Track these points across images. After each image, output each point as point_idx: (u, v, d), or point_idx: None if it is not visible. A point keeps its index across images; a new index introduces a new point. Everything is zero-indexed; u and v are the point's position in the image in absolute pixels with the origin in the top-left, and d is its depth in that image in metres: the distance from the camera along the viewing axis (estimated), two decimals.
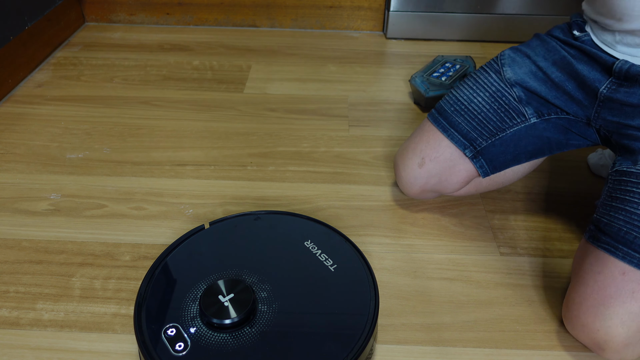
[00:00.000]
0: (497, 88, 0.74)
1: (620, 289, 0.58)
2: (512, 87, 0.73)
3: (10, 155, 0.98)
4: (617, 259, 0.60)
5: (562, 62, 0.71)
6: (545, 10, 1.38)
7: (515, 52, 0.75)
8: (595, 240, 0.63)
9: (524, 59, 0.74)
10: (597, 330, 0.60)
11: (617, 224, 0.61)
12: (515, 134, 0.73)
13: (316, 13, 1.47)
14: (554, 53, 0.72)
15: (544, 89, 0.72)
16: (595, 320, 0.60)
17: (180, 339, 0.57)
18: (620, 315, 0.58)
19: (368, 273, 0.65)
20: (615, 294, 0.58)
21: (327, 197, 0.89)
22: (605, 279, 0.60)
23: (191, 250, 0.67)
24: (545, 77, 0.72)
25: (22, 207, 0.86)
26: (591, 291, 0.61)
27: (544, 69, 0.72)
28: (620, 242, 0.60)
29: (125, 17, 1.49)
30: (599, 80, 0.68)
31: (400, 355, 0.65)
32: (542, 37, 0.76)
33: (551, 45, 0.73)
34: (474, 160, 0.74)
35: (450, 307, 0.71)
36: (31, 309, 0.70)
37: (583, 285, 0.62)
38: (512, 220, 0.85)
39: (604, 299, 0.59)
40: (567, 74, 0.71)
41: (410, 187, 0.80)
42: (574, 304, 0.63)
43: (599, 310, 0.59)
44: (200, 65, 1.29)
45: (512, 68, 0.74)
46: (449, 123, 0.75)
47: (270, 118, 1.10)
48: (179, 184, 0.92)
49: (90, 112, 1.11)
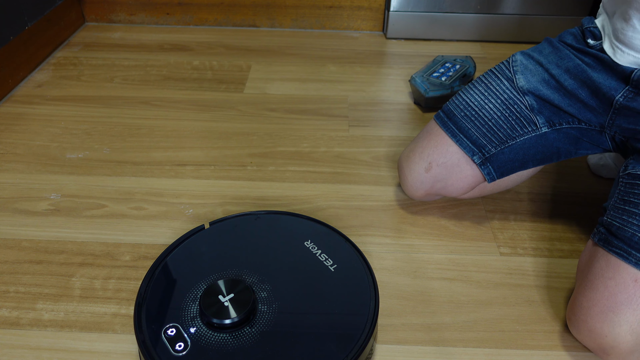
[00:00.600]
0: (509, 95, 0.73)
1: (632, 296, 0.57)
2: (525, 96, 0.72)
3: (10, 155, 0.98)
4: (630, 265, 0.59)
5: (575, 70, 0.70)
6: (545, 11, 1.38)
7: (528, 59, 0.74)
8: (606, 244, 0.62)
9: (537, 67, 0.73)
10: (604, 336, 0.59)
11: (631, 229, 0.60)
12: (525, 142, 0.73)
13: (316, 13, 1.47)
14: (567, 60, 0.71)
15: (557, 97, 0.71)
16: (604, 326, 0.59)
17: (180, 339, 0.57)
18: (630, 322, 0.57)
19: (368, 273, 0.65)
20: (626, 301, 0.58)
21: (327, 197, 0.89)
22: (616, 285, 0.59)
23: (191, 250, 0.67)
24: (558, 85, 0.71)
25: (22, 207, 0.86)
26: (601, 297, 0.60)
27: (556, 76, 0.71)
28: (634, 248, 0.59)
29: (125, 17, 1.49)
30: (614, 89, 0.67)
31: (400, 355, 0.65)
32: (554, 44, 0.74)
33: (564, 53, 0.72)
34: (482, 166, 0.74)
35: (450, 307, 0.71)
36: (31, 309, 0.70)
37: (592, 290, 0.61)
38: (512, 220, 0.85)
39: (614, 305, 0.58)
40: (581, 82, 0.70)
41: (416, 191, 0.80)
42: (582, 309, 0.62)
43: (608, 316, 0.59)
44: (200, 65, 1.29)
45: (525, 76, 0.73)
46: (458, 128, 0.74)
47: (270, 118, 1.10)
48: (179, 184, 0.92)
49: (90, 112, 1.11)
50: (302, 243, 0.68)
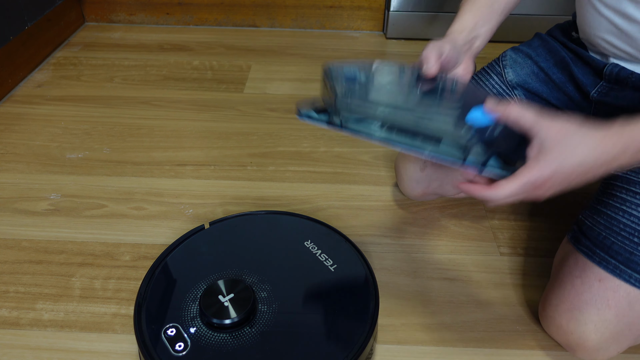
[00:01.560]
0: (498, 91, 0.73)
1: (596, 296, 0.58)
2: (514, 90, 0.73)
3: (10, 155, 0.98)
4: (594, 264, 0.59)
5: (562, 64, 0.71)
6: (545, 10, 1.38)
7: (517, 53, 0.75)
8: (576, 242, 0.63)
9: (526, 60, 0.74)
10: (571, 333, 0.60)
11: (598, 229, 0.61)
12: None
13: (316, 13, 1.47)
14: (555, 54, 0.72)
15: (546, 90, 0.72)
16: (570, 324, 0.60)
17: (180, 339, 0.57)
18: (594, 322, 0.58)
19: (368, 273, 0.65)
20: (591, 301, 0.58)
21: (327, 197, 0.89)
22: (582, 284, 0.60)
23: (191, 250, 0.67)
24: (547, 79, 0.72)
25: (22, 207, 0.86)
26: (568, 295, 0.61)
27: (545, 69, 0.72)
28: (598, 247, 0.60)
29: (125, 17, 1.49)
30: (590, 84, 0.68)
31: (400, 355, 0.65)
32: (543, 37, 0.75)
33: (552, 46, 0.73)
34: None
35: (450, 307, 0.71)
36: (31, 309, 0.70)
37: (561, 287, 0.62)
38: (512, 220, 0.85)
39: (579, 304, 0.59)
40: (567, 76, 0.71)
41: (412, 190, 0.80)
42: (551, 305, 0.63)
43: (574, 314, 0.60)
44: (200, 65, 1.29)
45: (514, 69, 0.74)
46: None
47: (270, 118, 1.10)
48: (179, 184, 0.91)
49: (90, 112, 1.11)
50: (302, 243, 0.68)
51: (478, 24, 0.65)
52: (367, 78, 0.56)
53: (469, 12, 0.66)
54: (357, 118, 0.52)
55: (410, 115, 0.52)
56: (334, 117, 0.53)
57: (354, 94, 0.54)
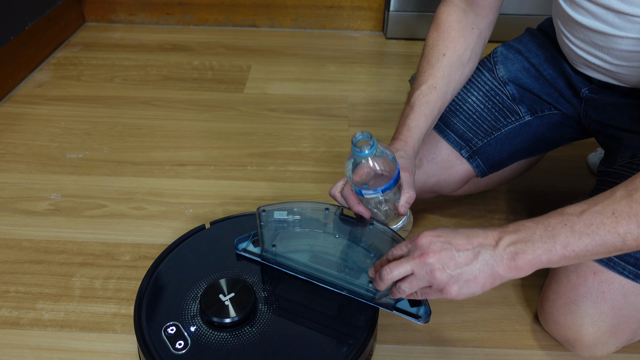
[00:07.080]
0: (490, 87, 0.73)
1: (591, 289, 0.59)
2: (506, 85, 0.73)
3: (10, 155, 0.98)
4: None
5: (552, 59, 0.71)
6: (544, 10, 1.38)
7: (508, 49, 0.75)
8: None
9: (517, 55, 0.74)
10: (568, 327, 0.60)
11: None
12: (510, 132, 0.73)
13: (316, 13, 1.47)
14: (545, 49, 0.72)
15: (537, 86, 0.72)
16: (567, 318, 0.60)
17: (180, 337, 0.57)
18: (591, 315, 0.58)
19: None
20: (586, 294, 0.59)
21: (327, 197, 0.89)
22: (577, 277, 0.60)
23: (191, 249, 0.67)
24: (538, 74, 0.72)
25: (22, 207, 0.86)
26: (564, 289, 0.61)
27: (536, 65, 0.72)
28: None
29: (125, 17, 1.49)
30: (581, 83, 0.68)
31: (400, 355, 0.65)
32: (533, 32, 0.75)
33: (543, 41, 0.73)
34: (470, 160, 0.74)
35: (450, 307, 0.71)
36: (31, 309, 0.70)
37: (557, 282, 0.62)
38: (512, 220, 0.85)
39: (575, 297, 0.59)
40: (558, 72, 0.71)
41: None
42: (548, 301, 0.63)
43: (570, 308, 0.60)
44: (200, 65, 1.29)
45: (505, 65, 0.74)
46: (444, 123, 0.75)
47: (270, 118, 1.10)
48: (179, 184, 0.92)
49: (90, 112, 1.11)
50: None
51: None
52: (294, 222, 0.65)
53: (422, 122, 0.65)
54: (284, 258, 0.63)
55: (331, 259, 0.62)
56: (264, 255, 0.64)
57: (281, 237, 0.64)
